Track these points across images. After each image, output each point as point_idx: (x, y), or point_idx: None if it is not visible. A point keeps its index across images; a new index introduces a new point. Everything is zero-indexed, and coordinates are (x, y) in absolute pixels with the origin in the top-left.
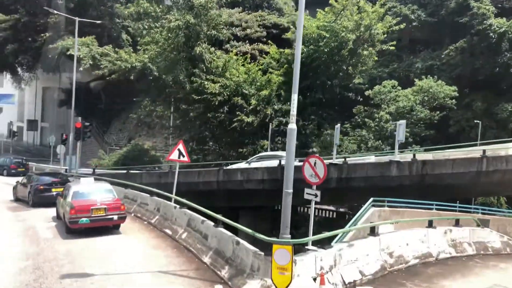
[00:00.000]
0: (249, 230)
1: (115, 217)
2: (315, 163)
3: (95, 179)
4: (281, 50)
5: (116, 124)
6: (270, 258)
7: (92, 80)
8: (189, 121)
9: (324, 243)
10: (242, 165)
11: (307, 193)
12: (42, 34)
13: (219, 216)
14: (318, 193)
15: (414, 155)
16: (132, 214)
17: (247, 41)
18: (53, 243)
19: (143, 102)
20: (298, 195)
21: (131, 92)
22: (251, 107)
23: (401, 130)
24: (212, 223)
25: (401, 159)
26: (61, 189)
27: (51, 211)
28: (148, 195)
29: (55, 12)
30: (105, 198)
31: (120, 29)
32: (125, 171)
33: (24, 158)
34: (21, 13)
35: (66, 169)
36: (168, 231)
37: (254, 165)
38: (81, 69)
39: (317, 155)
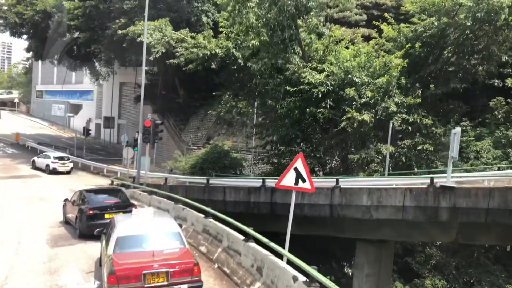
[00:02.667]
0: None
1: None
2: None
3: (165, 196)
4: (403, 25)
5: (194, 122)
6: None
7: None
8: (279, 119)
9: None
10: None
11: None
12: (117, 21)
13: None
14: None
15: None
16: (216, 265)
17: (345, 26)
18: None
19: (223, 96)
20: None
21: (211, 85)
22: (364, 100)
23: None
24: None
25: None
26: (120, 214)
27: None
28: (241, 237)
29: None
30: (168, 249)
31: (199, 12)
32: (204, 181)
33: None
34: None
35: (134, 177)
36: None
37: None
38: (151, 58)
39: None
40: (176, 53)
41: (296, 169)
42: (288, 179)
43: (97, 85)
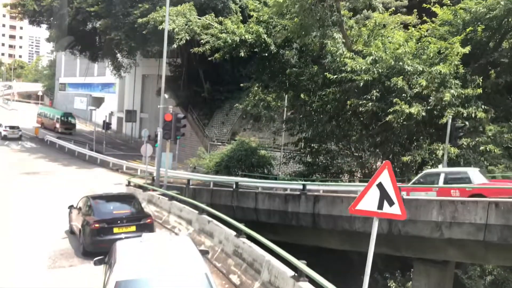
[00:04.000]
0: None
1: None
2: None
3: (187, 202)
4: (460, 6)
5: (218, 116)
6: None
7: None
8: (314, 113)
9: None
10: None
11: None
12: (140, 5)
13: None
14: None
15: None
16: None
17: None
18: None
19: (252, 88)
20: None
21: (236, 77)
22: (416, 90)
23: None
24: None
25: None
26: (132, 229)
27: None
28: (288, 271)
29: None
30: None
31: None
32: (230, 180)
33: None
34: None
35: (153, 177)
36: None
37: None
38: (174, 46)
39: None
40: (201, 41)
41: (380, 186)
42: (368, 201)
43: (118, 77)
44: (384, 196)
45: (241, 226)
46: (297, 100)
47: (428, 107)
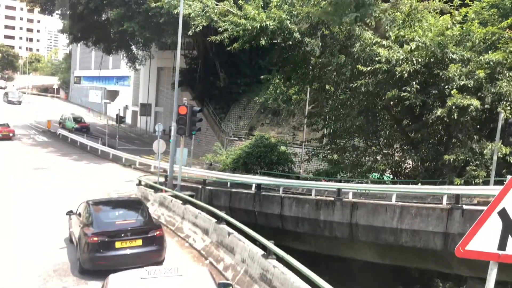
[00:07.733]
0: None
1: None
2: None
3: (204, 208)
4: None
5: (235, 110)
6: None
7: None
8: (342, 106)
9: None
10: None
11: None
12: None
13: None
14: None
15: None
16: None
17: None
18: None
19: (273, 80)
20: None
21: (255, 69)
22: (465, 82)
23: None
24: None
25: None
26: (138, 243)
27: None
28: None
29: None
30: None
31: None
32: (250, 179)
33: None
34: None
35: (166, 177)
36: None
37: None
38: (190, 33)
39: None
40: (219, 28)
41: (503, 215)
42: (484, 238)
43: (133, 70)
44: (509, 229)
45: (270, 245)
46: (322, 92)
47: (484, 104)
